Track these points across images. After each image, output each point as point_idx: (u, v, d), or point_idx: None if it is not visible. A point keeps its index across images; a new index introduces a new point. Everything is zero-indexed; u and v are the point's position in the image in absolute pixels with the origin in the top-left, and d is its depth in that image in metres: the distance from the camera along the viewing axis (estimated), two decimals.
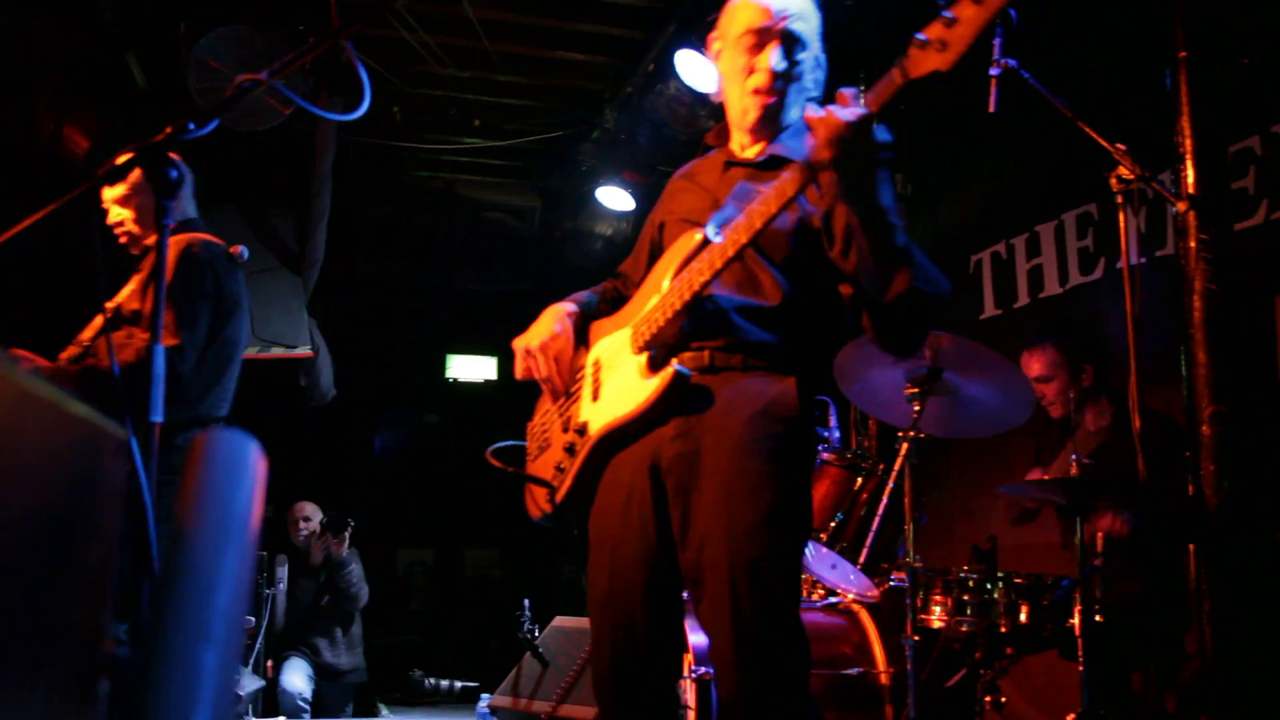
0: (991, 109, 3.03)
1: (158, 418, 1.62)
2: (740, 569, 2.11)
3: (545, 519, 2.54)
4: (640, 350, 2.34)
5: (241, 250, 4.16)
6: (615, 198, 7.16)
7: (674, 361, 2.26)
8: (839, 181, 2.05)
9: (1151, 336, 3.22)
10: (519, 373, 2.56)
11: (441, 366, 9.31)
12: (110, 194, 3.69)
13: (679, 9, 5.57)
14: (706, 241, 2.26)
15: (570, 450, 2.47)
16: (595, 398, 2.45)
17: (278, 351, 6.91)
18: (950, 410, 3.69)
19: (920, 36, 1.90)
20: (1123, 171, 3.15)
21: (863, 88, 2.03)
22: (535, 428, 2.70)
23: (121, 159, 1.85)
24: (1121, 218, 3.21)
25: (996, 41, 3.04)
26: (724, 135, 2.56)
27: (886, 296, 2.12)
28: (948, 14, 1.87)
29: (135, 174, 3.51)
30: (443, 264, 8.12)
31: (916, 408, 3.53)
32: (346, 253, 7.67)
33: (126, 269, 3.76)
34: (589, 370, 2.51)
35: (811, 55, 2.44)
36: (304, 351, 6.99)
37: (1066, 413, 3.89)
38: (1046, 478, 3.83)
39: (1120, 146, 3.16)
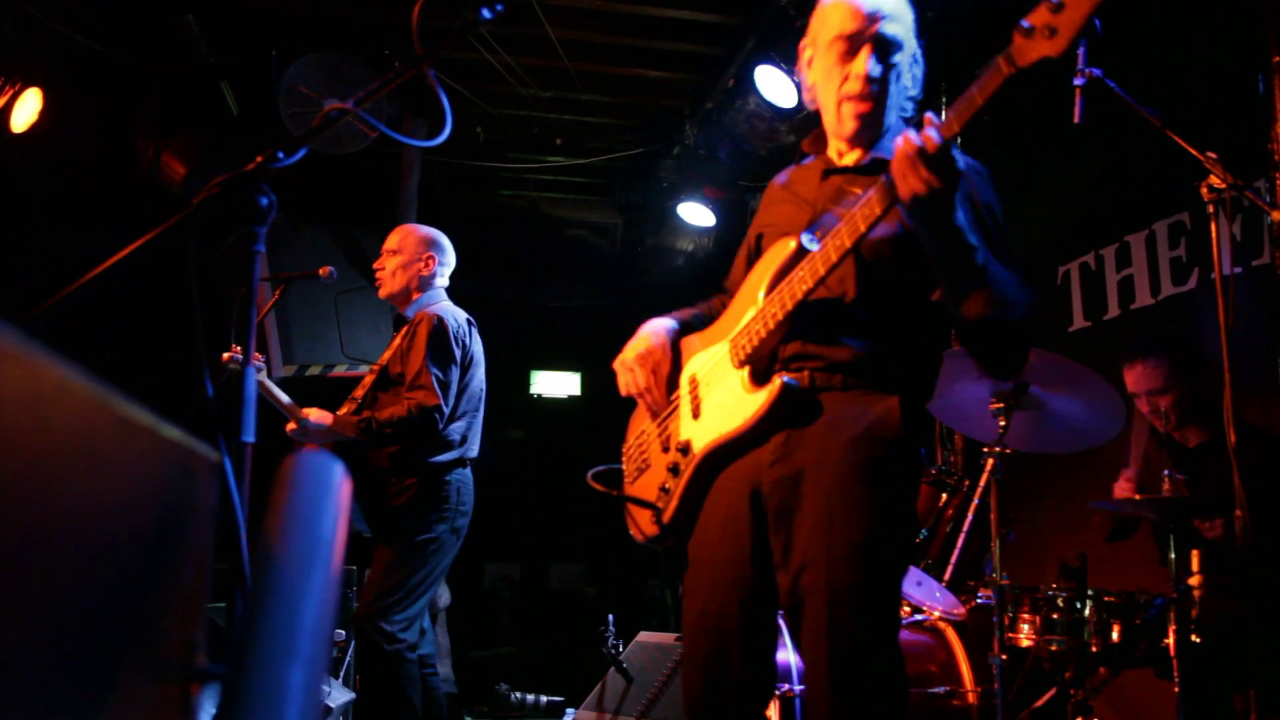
0: (1076, 120, 2.96)
1: (249, 438, 1.67)
2: (840, 596, 2.06)
3: (650, 541, 2.46)
4: (741, 364, 2.27)
5: (331, 271, 4.29)
6: (696, 213, 7.18)
7: (781, 374, 2.20)
8: (914, 206, 1.97)
9: (1248, 348, 3.12)
10: (621, 389, 2.51)
11: (526, 383, 9.40)
12: (389, 261, 4.40)
13: (758, 25, 5.58)
14: (802, 250, 2.17)
15: (674, 470, 2.40)
16: (696, 415, 2.39)
17: (364, 370, 7.07)
18: (1038, 425, 3.62)
19: (1025, 24, 1.79)
20: (1214, 180, 3.06)
21: (945, 103, 1.97)
22: (631, 449, 2.64)
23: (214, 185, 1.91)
24: (1213, 227, 3.12)
25: (1080, 51, 2.97)
26: (820, 142, 2.45)
27: (964, 316, 2.07)
28: None
29: (411, 244, 4.35)
30: (526, 281, 8.22)
31: (1002, 423, 3.48)
32: None
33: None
34: (685, 387, 2.45)
35: (908, 55, 2.31)
36: None
37: (1174, 427, 3.80)
38: (1138, 496, 3.74)
39: (1211, 155, 3.07)
